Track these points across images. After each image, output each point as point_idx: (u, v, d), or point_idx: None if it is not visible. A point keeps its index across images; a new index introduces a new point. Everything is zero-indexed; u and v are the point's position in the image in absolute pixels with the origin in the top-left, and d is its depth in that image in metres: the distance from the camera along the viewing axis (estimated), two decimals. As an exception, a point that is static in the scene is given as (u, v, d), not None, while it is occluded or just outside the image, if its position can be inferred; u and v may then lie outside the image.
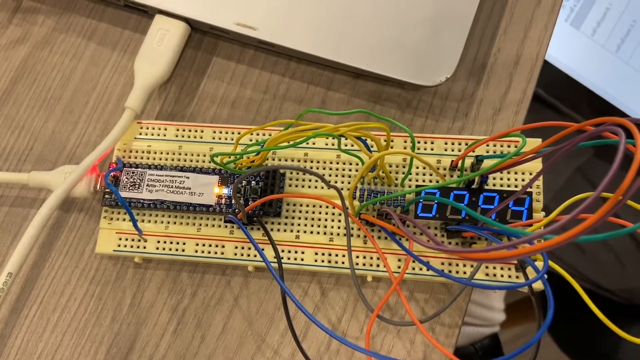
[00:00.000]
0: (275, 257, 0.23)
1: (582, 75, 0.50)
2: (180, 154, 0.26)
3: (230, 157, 0.24)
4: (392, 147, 0.25)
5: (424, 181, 0.24)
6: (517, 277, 0.23)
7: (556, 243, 0.13)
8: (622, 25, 0.50)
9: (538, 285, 0.22)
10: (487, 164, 0.24)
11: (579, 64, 0.50)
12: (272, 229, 0.24)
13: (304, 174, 0.25)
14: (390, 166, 0.25)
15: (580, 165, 0.53)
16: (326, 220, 0.24)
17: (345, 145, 0.25)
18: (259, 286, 0.25)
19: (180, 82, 0.28)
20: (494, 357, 0.17)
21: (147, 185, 0.25)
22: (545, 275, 0.18)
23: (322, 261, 0.24)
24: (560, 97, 0.51)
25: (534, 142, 0.24)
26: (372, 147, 0.24)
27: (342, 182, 0.25)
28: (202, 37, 0.29)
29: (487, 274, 0.23)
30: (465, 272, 0.23)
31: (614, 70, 0.50)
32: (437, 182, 0.24)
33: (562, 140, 0.19)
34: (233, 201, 0.24)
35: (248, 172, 0.19)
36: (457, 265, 0.23)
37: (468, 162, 0.24)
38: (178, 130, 0.26)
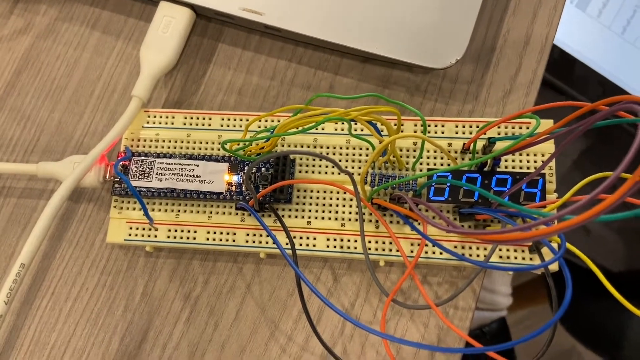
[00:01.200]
0: (287, 244, 0.23)
1: (588, 57, 0.49)
2: (188, 142, 0.26)
3: (239, 144, 0.24)
4: (402, 131, 0.25)
5: (435, 165, 0.24)
6: (530, 258, 0.23)
7: (577, 222, 0.13)
8: (628, 6, 0.49)
9: (551, 267, 0.22)
10: (499, 145, 0.24)
11: (585, 46, 0.50)
12: (283, 216, 0.24)
13: (314, 160, 0.25)
14: (401, 150, 0.24)
15: (584, 147, 0.53)
16: (337, 205, 0.24)
17: (355, 130, 0.25)
18: (271, 273, 0.25)
19: (187, 70, 0.28)
20: (502, 341, 0.17)
21: (157, 173, 0.24)
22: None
23: (335, 247, 0.24)
24: (566, 79, 0.50)
25: (546, 123, 0.24)
26: (382, 131, 0.24)
27: (353, 167, 0.24)
28: (207, 23, 0.29)
29: (500, 257, 0.23)
30: (478, 255, 0.23)
31: (620, 52, 0.50)
32: (449, 165, 0.24)
33: (574, 121, 0.19)
34: (244, 188, 0.24)
35: (260, 158, 0.19)
36: (470, 248, 0.23)
37: (480, 144, 0.24)
38: (186, 118, 0.26)
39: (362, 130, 0.24)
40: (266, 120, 0.25)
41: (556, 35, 0.27)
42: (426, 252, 0.23)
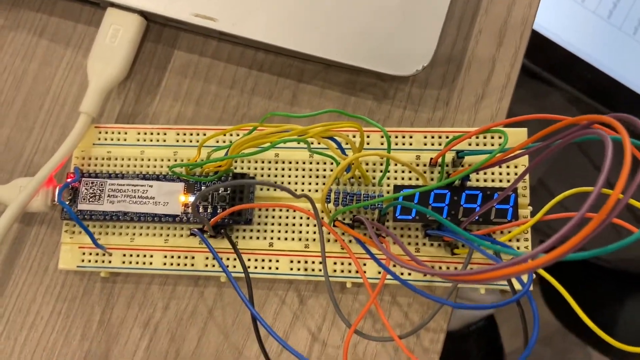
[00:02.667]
0: (254, 268, 0.22)
1: (572, 44, 0.47)
2: (142, 160, 0.24)
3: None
4: (368, 144, 0.23)
5: (403, 179, 0.23)
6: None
7: (543, 263, 0.12)
8: (613, -12, 0.47)
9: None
10: (468, 159, 0.22)
11: (569, 32, 0.48)
12: (244, 237, 0.23)
13: (275, 176, 0.23)
14: (367, 164, 0.23)
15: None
16: (301, 225, 0.23)
17: (319, 143, 0.23)
18: (234, 296, 0.24)
19: (141, 79, 0.26)
20: (491, 340, 0.16)
21: (109, 195, 0.23)
22: (532, 287, 0.17)
23: (298, 269, 0.22)
24: (549, 67, 0.49)
25: (519, 133, 0.22)
26: (347, 144, 0.23)
27: (317, 184, 0.23)
28: (161, 28, 0.27)
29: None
30: (448, 267, 0.22)
31: (606, 37, 0.48)
32: (417, 179, 0.23)
33: (549, 135, 0.18)
34: (200, 210, 0.22)
35: (206, 190, 0.18)
36: (440, 268, 0.22)
37: (449, 157, 0.22)
38: (139, 133, 0.24)
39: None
40: (224, 135, 0.24)
41: (538, 21, 0.25)
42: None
